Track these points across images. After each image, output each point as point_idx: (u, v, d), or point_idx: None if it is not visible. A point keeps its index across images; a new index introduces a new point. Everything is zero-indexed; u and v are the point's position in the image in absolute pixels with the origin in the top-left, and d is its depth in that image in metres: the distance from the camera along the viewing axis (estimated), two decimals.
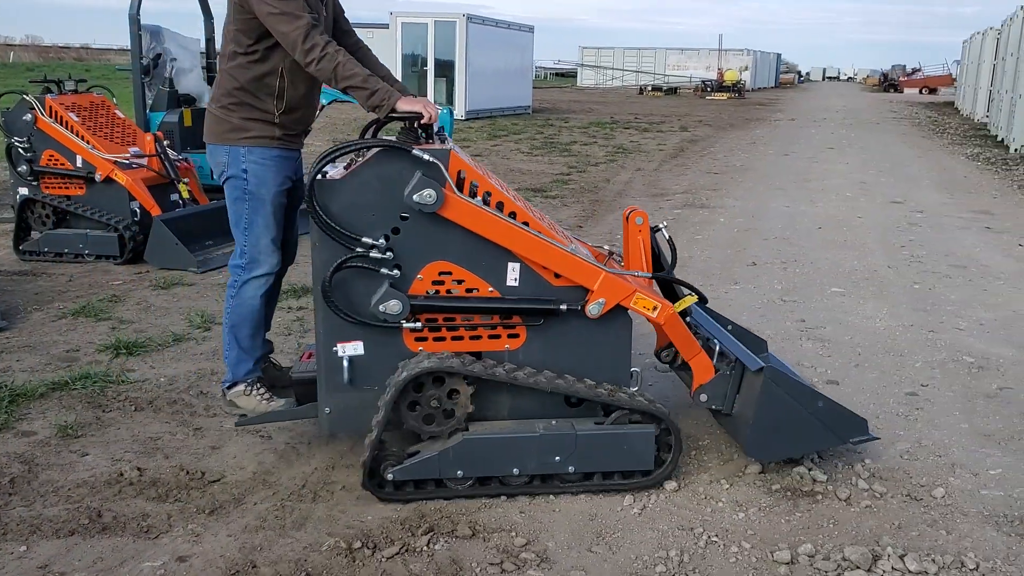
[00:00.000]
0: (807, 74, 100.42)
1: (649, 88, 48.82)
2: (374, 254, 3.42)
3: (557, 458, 3.53)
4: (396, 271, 3.47)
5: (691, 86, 49.33)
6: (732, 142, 19.47)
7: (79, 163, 7.19)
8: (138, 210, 7.20)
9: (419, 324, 3.52)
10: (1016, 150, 18.10)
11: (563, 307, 3.56)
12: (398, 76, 22.80)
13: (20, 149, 7.25)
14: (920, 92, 55.51)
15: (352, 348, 3.54)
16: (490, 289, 3.55)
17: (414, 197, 3.34)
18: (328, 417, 3.63)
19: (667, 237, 4.04)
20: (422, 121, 3.50)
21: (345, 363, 3.54)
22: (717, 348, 3.94)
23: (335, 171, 3.55)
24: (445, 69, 24.09)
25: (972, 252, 8.33)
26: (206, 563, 3.09)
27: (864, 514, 3.50)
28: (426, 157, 3.36)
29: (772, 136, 21.36)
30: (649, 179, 13.20)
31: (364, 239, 3.41)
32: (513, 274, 3.54)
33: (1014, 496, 3.64)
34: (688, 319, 3.96)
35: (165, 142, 7.76)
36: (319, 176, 3.41)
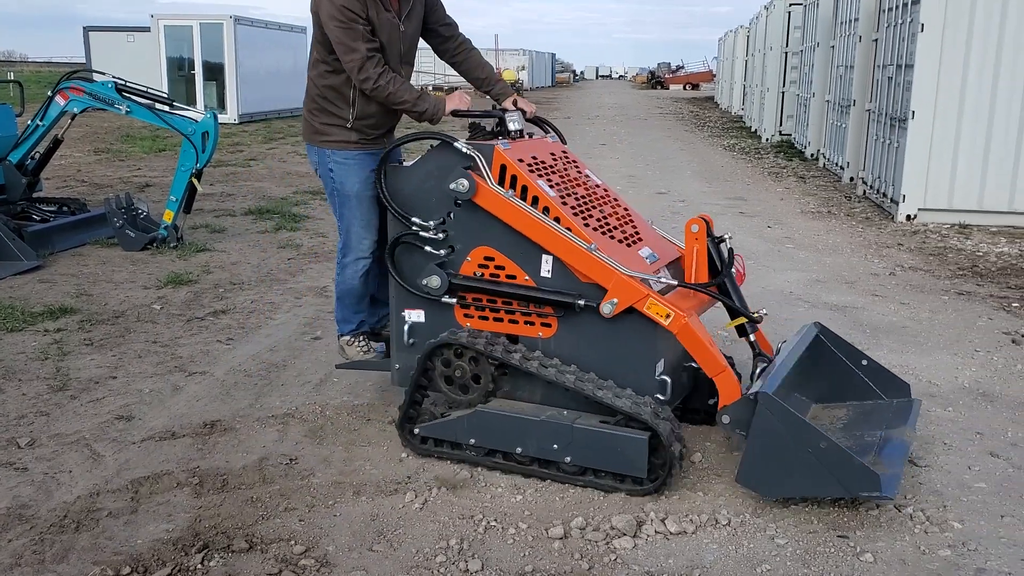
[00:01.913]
0: (582, 73, 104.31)
1: (430, 87, 49.15)
2: (424, 234, 3.85)
3: (555, 446, 3.65)
4: (444, 251, 3.89)
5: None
6: None
7: None
8: None
9: (454, 300, 3.91)
10: (767, 140, 19.70)
11: (581, 302, 3.71)
12: (163, 80, 21.40)
13: None
14: (684, 88, 59.24)
15: (415, 315, 4.04)
16: (526, 277, 3.82)
17: (451, 185, 3.73)
18: (397, 372, 4.14)
19: (729, 248, 3.95)
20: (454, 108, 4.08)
21: (406, 327, 4.04)
22: (759, 370, 3.81)
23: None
24: (214, 72, 23.08)
25: None
26: None
27: None
28: (465, 150, 3.75)
29: None
30: None
31: (414, 219, 3.87)
32: (547, 266, 3.79)
33: None
34: (751, 338, 3.93)
35: None
36: (392, 163, 3.96)
